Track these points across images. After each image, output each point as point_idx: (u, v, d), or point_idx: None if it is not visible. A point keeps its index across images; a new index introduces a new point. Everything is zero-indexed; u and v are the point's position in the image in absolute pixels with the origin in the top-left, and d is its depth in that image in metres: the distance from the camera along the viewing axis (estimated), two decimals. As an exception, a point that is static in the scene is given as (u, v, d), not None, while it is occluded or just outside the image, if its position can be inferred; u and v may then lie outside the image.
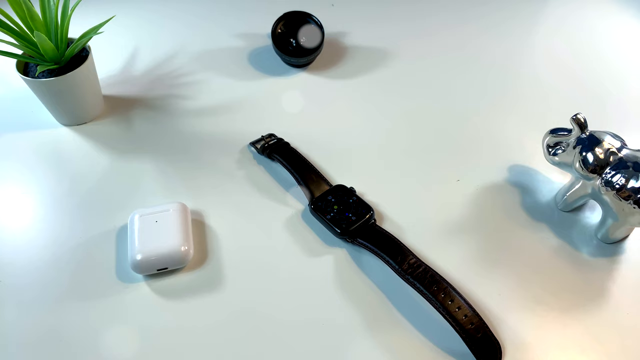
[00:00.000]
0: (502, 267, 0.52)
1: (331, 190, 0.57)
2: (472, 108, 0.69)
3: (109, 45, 0.77)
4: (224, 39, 0.80)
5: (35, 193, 0.58)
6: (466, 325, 0.45)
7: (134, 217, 0.53)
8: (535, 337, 0.47)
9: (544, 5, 0.88)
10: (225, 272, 0.51)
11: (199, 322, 0.48)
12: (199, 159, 0.62)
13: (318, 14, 0.75)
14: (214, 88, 0.72)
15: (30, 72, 0.61)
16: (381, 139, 0.65)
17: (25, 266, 0.52)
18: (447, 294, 0.47)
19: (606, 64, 0.76)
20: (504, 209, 0.57)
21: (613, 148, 0.51)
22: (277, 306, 0.49)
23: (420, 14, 0.86)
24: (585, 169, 0.51)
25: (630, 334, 0.47)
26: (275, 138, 0.64)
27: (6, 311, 0.48)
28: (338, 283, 0.51)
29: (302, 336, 0.47)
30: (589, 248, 0.54)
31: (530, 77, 0.74)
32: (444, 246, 0.54)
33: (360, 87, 0.73)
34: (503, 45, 0.80)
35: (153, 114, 0.68)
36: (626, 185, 0.48)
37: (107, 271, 0.51)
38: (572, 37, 0.81)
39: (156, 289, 0.50)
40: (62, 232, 0.55)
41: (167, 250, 0.50)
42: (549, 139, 0.56)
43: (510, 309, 0.49)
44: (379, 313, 0.49)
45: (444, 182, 0.60)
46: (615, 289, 0.51)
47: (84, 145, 0.64)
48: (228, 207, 0.57)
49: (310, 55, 0.73)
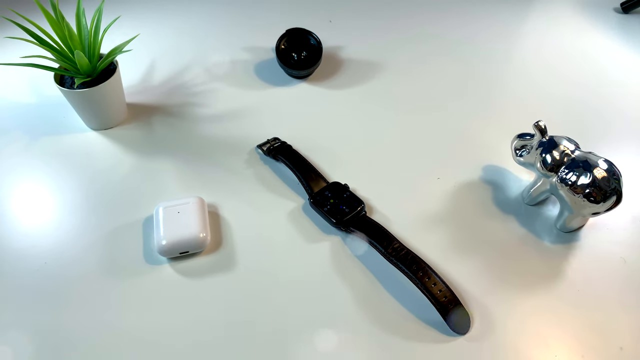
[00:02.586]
0: (474, 252, 0.61)
1: (328, 186, 0.66)
2: (453, 115, 0.78)
3: (131, 58, 0.86)
4: (233, 53, 0.89)
5: (70, 188, 0.67)
6: (440, 299, 0.54)
7: (158, 209, 0.61)
8: (500, 310, 0.55)
9: (523, 21, 0.97)
10: (237, 255, 0.60)
11: (215, 297, 0.56)
12: (212, 159, 0.71)
13: (317, 30, 0.84)
14: (224, 96, 0.80)
15: (66, 84, 0.69)
16: (372, 142, 0.74)
17: (65, 250, 0.60)
18: (425, 273, 0.55)
19: (572, 77, 0.85)
20: (477, 203, 0.66)
21: (568, 150, 0.59)
22: (281, 284, 0.58)
23: (408, 30, 0.94)
24: (545, 168, 0.60)
25: (581, 307, 0.56)
26: (279, 141, 0.72)
27: (50, 286, 0.57)
28: (334, 265, 0.59)
29: (303, 308, 0.55)
30: (550, 236, 0.63)
31: (505, 87, 0.83)
32: (424, 234, 0.62)
33: (354, 96, 0.81)
34: (483, 59, 0.88)
35: (171, 120, 0.76)
36: (577, 182, 0.57)
37: (135, 255, 0.60)
38: (544, 53, 0.90)
39: (178, 269, 0.59)
40: (95, 222, 0.63)
41: (188, 236, 0.58)
42: (516, 142, 0.65)
43: (480, 287, 0.57)
44: (368, 289, 0.57)
45: (426, 179, 0.69)
46: (570, 270, 0.59)
47: (111, 148, 0.72)
48: (239, 201, 0.66)
49: (310, 68, 0.82)
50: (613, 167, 0.57)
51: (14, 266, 0.58)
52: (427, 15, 0.98)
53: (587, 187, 0.56)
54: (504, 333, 0.54)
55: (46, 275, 0.58)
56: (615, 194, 0.56)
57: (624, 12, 0.99)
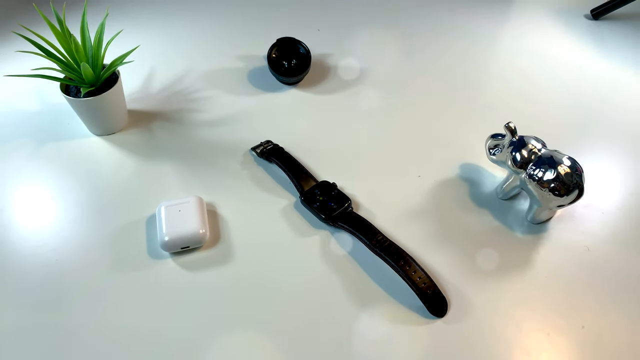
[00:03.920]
0: (451, 243, 0.66)
1: (317, 185, 0.71)
2: (433, 117, 0.84)
3: (131, 68, 0.90)
4: (227, 61, 0.94)
5: (75, 191, 0.72)
6: (420, 285, 0.59)
7: (160, 207, 0.66)
8: (475, 295, 0.61)
9: (499, 26, 1.03)
10: (234, 250, 0.65)
11: (214, 288, 0.61)
12: (209, 161, 0.76)
13: (305, 38, 0.89)
14: (219, 102, 0.85)
15: (71, 92, 0.74)
16: (358, 143, 0.79)
17: (74, 248, 0.65)
18: (406, 262, 0.61)
19: (544, 80, 0.91)
20: (455, 198, 0.72)
21: (535, 149, 0.65)
22: (275, 275, 0.63)
23: (391, 37, 1.00)
24: (515, 165, 0.65)
25: (548, 291, 0.62)
26: (272, 144, 0.77)
27: (61, 281, 0.61)
28: (323, 257, 0.64)
29: (295, 298, 0.60)
30: (521, 228, 0.68)
31: (481, 90, 0.89)
32: (406, 227, 0.68)
33: (341, 100, 0.87)
34: (461, 65, 0.94)
35: (170, 125, 0.81)
36: (543, 178, 0.63)
37: (140, 250, 0.65)
38: (519, 58, 0.96)
39: (180, 263, 0.64)
40: (101, 221, 0.68)
41: (189, 232, 0.63)
42: (489, 142, 0.70)
43: (457, 274, 0.63)
44: (355, 278, 0.62)
45: (408, 177, 0.74)
46: (539, 259, 0.65)
47: (113, 152, 0.77)
48: (235, 199, 0.71)
49: (299, 75, 0.87)
50: (576, 164, 0.63)
51: (26, 263, 0.63)
52: (408, 23, 1.04)
53: (552, 182, 0.62)
54: (478, 315, 0.59)
55: (57, 271, 0.62)
56: (578, 188, 0.62)
57: (594, 18, 1.05)
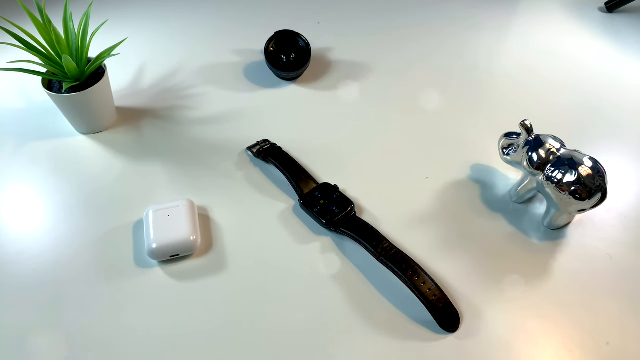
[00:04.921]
0: (462, 250, 0.61)
1: (318, 187, 0.66)
2: (441, 114, 0.79)
3: (119, 62, 0.86)
4: (221, 56, 0.89)
5: (59, 193, 0.67)
6: (430, 297, 0.54)
7: (148, 212, 0.61)
8: (489, 307, 0.56)
9: (509, 21, 0.98)
10: (227, 258, 0.60)
11: (206, 299, 0.56)
12: (202, 162, 0.71)
13: (305, 32, 0.84)
14: (213, 99, 0.81)
15: (54, 88, 0.69)
16: (361, 143, 0.74)
17: (54, 256, 0.60)
18: (414, 272, 0.56)
19: (558, 76, 0.86)
20: (466, 202, 0.67)
21: (553, 149, 0.60)
22: (272, 286, 0.58)
23: (396, 30, 0.95)
24: (531, 167, 0.61)
25: (568, 303, 0.57)
26: (269, 143, 0.73)
27: (41, 290, 0.57)
28: (324, 265, 0.60)
29: (294, 309, 0.56)
30: (537, 234, 0.63)
31: (492, 86, 0.84)
32: (413, 233, 0.63)
33: (342, 97, 0.82)
34: (470, 60, 0.89)
35: (160, 123, 0.76)
36: (563, 180, 0.58)
37: (126, 258, 0.60)
38: (530, 53, 0.91)
39: (169, 273, 0.59)
40: (85, 226, 0.63)
41: (178, 239, 0.58)
42: (503, 141, 0.65)
43: (469, 285, 0.58)
44: (359, 289, 0.58)
45: (415, 179, 0.69)
46: (557, 267, 0.60)
47: (100, 152, 0.72)
48: (229, 203, 0.66)
49: (299, 70, 0.82)
50: (598, 165, 0.58)
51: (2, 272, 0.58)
52: (413, 16, 0.99)
53: (573, 184, 0.57)
54: (493, 330, 0.54)
55: (36, 281, 0.58)
56: (600, 191, 0.57)
57: (608, 11, 1.01)
